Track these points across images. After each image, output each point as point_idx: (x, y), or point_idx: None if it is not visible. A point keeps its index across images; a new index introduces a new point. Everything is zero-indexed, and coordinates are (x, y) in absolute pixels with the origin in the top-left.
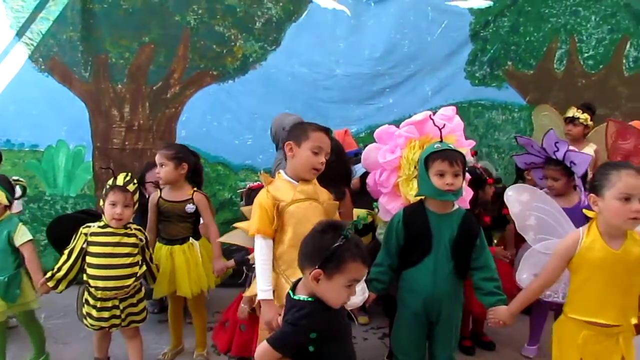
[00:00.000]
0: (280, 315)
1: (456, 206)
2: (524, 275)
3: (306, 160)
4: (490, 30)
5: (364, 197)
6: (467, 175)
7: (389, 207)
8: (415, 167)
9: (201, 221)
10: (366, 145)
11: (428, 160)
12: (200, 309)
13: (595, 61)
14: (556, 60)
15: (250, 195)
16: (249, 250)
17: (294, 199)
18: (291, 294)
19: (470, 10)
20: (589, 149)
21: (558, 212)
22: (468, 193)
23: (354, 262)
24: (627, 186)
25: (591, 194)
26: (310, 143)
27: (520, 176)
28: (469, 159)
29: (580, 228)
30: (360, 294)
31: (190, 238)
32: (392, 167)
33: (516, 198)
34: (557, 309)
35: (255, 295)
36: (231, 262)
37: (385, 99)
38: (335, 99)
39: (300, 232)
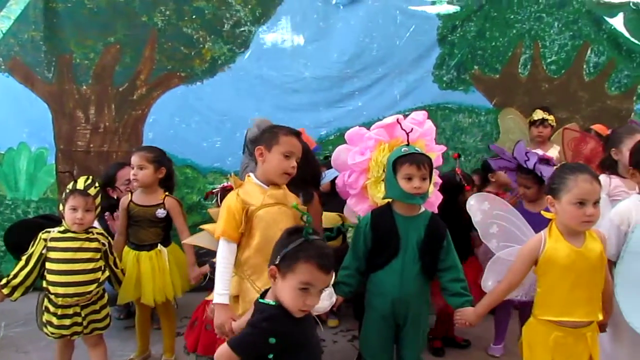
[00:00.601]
0: (234, 320)
1: (422, 209)
2: (489, 282)
3: (277, 164)
4: (458, 35)
5: (334, 201)
6: (438, 180)
7: (356, 209)
8: (383, 170)
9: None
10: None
11: (396, 163)
12: (169, 314)
13: (558, 66)
14: (521, 65)
15: (225, 195)
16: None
17: (264, 204)
18: (259, 299)
19: (437, 14)
20: (554, 151)
21: (518, 219)
22: (437, 198)
23: (307, 264)
24: (582, 192)
25: (548, 196)
26: (281, 147)
27: (485, 178)
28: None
29: (541, 232)
30: (328, 299)
31: (159, 245)
32: (361, 168)
33: (478, 207)
34: (522, 307)
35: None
36: (206, 268)
37: (354, 102)
38: (305, 102)
39: (269, 237)
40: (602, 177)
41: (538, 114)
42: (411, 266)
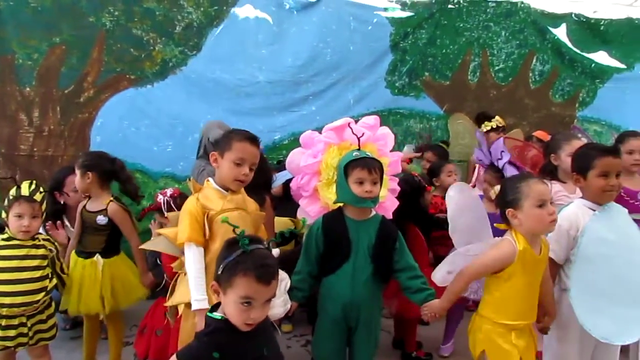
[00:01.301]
0: None
1: (373, 212)
2: (439, 273)
3: (228, 171)
4: (409, 42)
5: (287, 205)
6: (396, 186)
7: (308, 210)
8: (334, 173)
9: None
10: None
11: (347, 168)
12: (117, 323)
13: (505, 74)
14: (470, 72)
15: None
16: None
17: (224, 208)
18: (208, 311)
19: (390, 21)
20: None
21: (484, 218)
22: (393, 203)
23: (245, 277)
24: (539, 193)
25: (509, 209)
26: (233, 154)
27: (430, 183)
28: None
29: (509, 238)
30: (282, 305)
31: (97, 255)
32: (313, 171)
33: (454, 199)
34: (474, 308)
35: (181, 304)
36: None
37: (308, 106)
38: (258, 106)
39: None
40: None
41: (496, 121)
42: (362, 270)
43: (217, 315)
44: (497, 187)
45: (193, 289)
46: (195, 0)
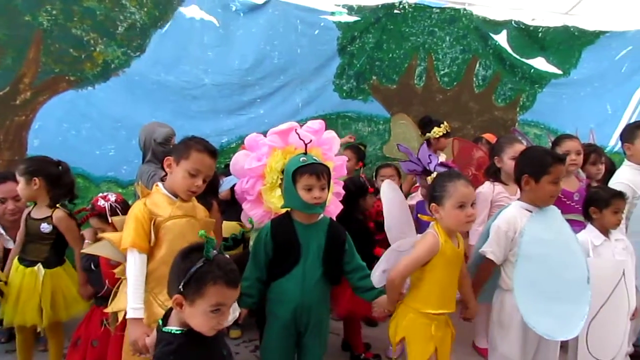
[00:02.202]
0: (148, 335)
1: (321, 215)
2: (377, 272)
3: (182, 181)
4: (357, 46)
5: (233, 209)
6: (341, 190)
7: (251, 213)
8: (278, 177)
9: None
10: None
11: (295, 174)
12: (57, 335)
13: (450, 78)
14: (416, 76)
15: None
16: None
17: (172, 215)
18: (160, 325)
19: (337, 25)
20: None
21: (409, 216)
22: (336, 207)
23: (215, 285)
24: (461, 196)
25: (433, 204)
26: (189, 164)
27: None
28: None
29: (432, 231)
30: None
31: (38, 265)
32: (257, 174)
33: (388, 195)
34: None
35: (121, 311)
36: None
37: (255, 109)
38: (205, 109)
39: (175, 249)
40: (487, 184)
41: (445, 127)
42: (312, 273)
43: (175, 329)
44: None
45: (130, 296)
46: (139, 0)
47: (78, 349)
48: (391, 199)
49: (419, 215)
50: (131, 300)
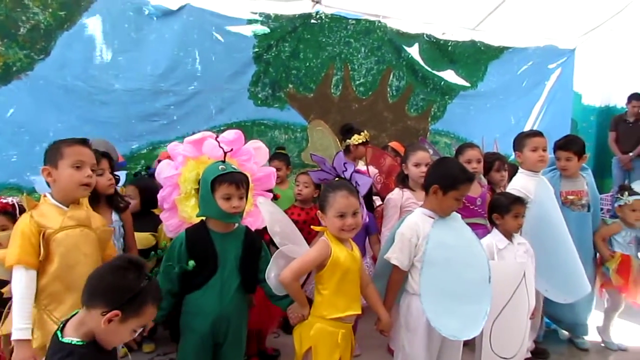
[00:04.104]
0: (35, 359)
1: (237, 224)
2: (272, 274)
3: (69, 178)
4: (272, 54)
5: (145, 220)
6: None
7: (168, 223)
8: (192, 187)
9: None
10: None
11: (214, 182)
12: None
13: (366, 88)
14: (333, 85)
15: None
16: None
17: (63, 226)
18: (59, 336)
19: (253, 34)
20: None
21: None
22: (256, 220)
23: (152, 307)
24: (341, 206)
25: (319, 212)
26: (69, 159)
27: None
28: None
29: (323, 238)
30: None
31: None
32: (173, 183)
33: (266, 208)
34: None
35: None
36: None
37: (168, 115)
38: (115, 115)
39: (69, 263)
40: (396, 190)
41: (364, 136)
42: (230, 282)
43: (76, 341)
44: None
45: (16, 316)
46: (42, 0)
47: None
48: (272, 212)
49: (312, 226)
50: (17, 321)
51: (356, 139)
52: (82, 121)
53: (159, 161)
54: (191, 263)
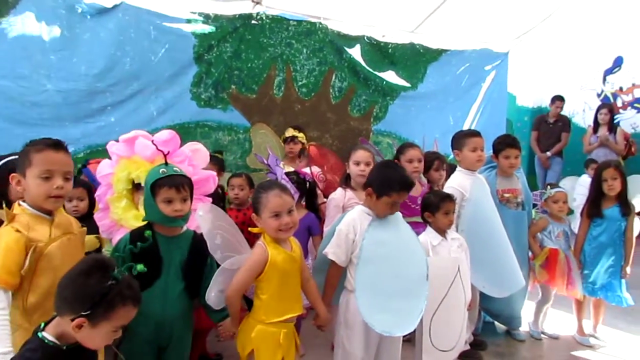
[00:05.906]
0: None
1: (185, 228)
2: (212, 294)
3: (37, 189)
4: (214, 55)
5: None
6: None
7: (101, 224)
8: (124, 187)
9: None
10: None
11: (154, 186)
12: None
13: (308, 89)
14: (275, 86)
15: None
16: None
17: (54, 237)
18: (41, 327)
19: (193, 33)
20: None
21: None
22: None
23: (124, 307)
24: (274, 206)
25: (253, 214)
26: (36, 169)
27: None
28: None
29: (260, 242)
30: None
31: None
32: (107, 182)
33: (205, 217)
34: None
35: None
36: None
37: (106, 117)
38: (47, 116)
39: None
40: (339, 190)
41: (289, 132)
42: (174, 286)
43: (49, 339)
44: None
45: None
46: None
47: None
48: (213, 221)
49: (249, 228)
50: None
51: (284, 135)
52: (12, 123)
53: (84, 165)
54: (140, 267)
